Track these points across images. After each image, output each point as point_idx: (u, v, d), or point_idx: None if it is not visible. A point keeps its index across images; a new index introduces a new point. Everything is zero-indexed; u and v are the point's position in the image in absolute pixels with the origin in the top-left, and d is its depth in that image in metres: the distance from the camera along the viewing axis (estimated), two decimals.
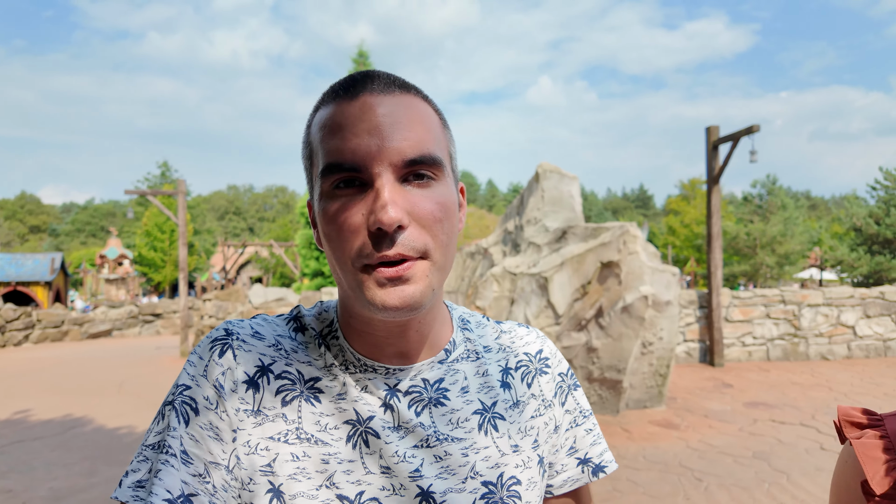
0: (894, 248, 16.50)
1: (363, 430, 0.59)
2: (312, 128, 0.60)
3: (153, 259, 28.17)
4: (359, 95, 0.56)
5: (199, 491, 0.54)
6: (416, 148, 0.55)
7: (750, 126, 7.34)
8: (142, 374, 8.43)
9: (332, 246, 0.56)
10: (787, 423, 5.15)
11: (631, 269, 5.12)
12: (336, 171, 0.55)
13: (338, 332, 0.63)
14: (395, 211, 0.52)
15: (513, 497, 0.63)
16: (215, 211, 71.25)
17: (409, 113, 0.56)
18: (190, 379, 0.58)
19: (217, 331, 0.61)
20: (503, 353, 0.71)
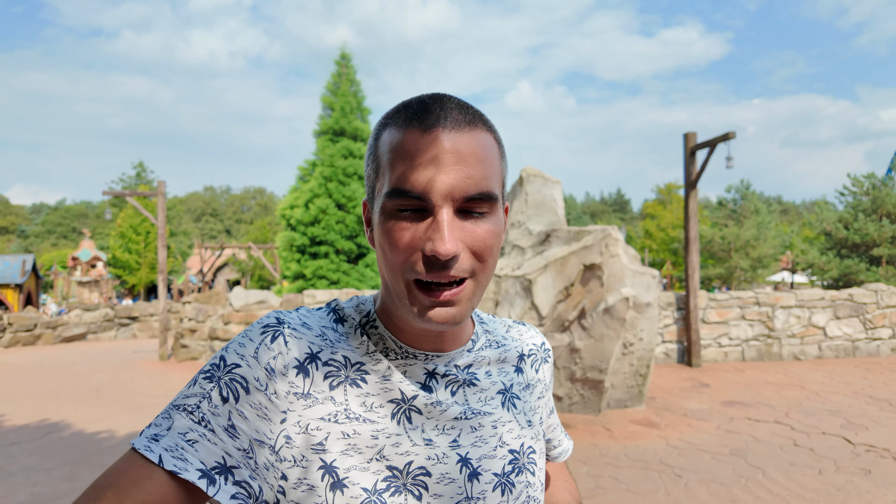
0: (862, 252, 17.03)
1: (407, 407, 0.65)
2: (381, 144, 0.64)
3: (128, 261, 27.60)
4: (433, 128, 0.60)
5: (241, 464, 0.58)
6: (476, 186, 0.60)
7: (726, 133, 7.55)
8: (120, 378, 8.29)
9: (386, 256, 0.62)
10: (762, 421, 5.31)
11: (612, 272, 5.23)
12: (401, 197, 0.59)
13: (377, 321, 0.70)
14: (451, 243, 0.57)
15: (531, 463, 0.73)
16: (191, 212, 70.10)
17: (475, 151, 0.61)
18: (240, 358, 0.61)
19: (268, 318, 0.66)
20: (516, 343, 0.81)
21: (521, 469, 0.71)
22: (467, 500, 0.65)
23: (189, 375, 8.29)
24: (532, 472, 0.73)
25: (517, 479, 0.70)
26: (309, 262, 13.34)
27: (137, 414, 6.05)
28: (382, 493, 0.61)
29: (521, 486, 0.70)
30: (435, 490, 0.64)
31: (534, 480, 0.73)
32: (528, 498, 0.71)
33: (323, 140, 13.99)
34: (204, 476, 0.56)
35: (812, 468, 4.06)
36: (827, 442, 4.65)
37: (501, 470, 0.69)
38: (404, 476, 0.63)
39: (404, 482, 0.63)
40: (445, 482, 0.65)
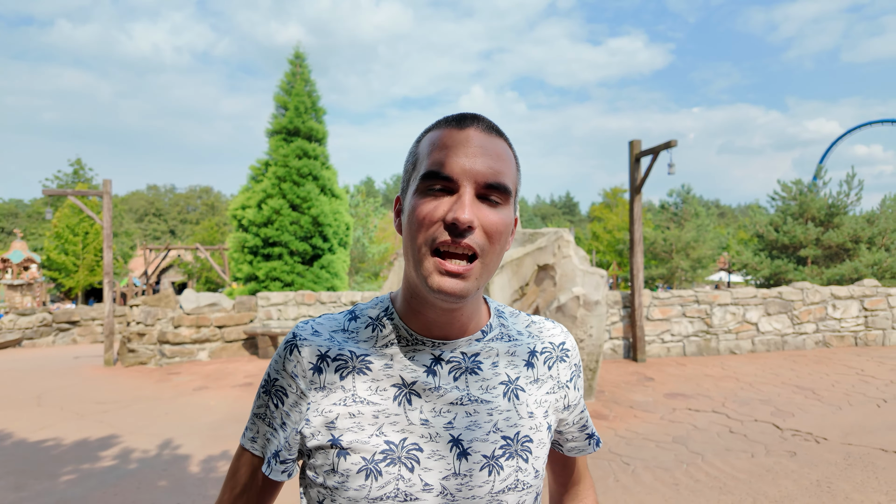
0: (791, 253, 18.21)
1: (407, 391, 0.76)
2: (422, 143, 0.77)
3: (64, 263, 26.16)
4: (466, 128, 0.74)
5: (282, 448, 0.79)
6: (495, 176, 0.72)
7: (668, 141, 7.98)
8: (62, 385, 7.94)
9: (413, 231, 0.72)
10: (701, 410, 5.68)
11: (564, 272, 5.48)
12: (433, 178, 0.71)
13: (393, 314, 0.81)
14: (470, 213, 0.69)
15: (525, 451, 0.79)
16: (133, 212, 67.02)
17: (498, 151, 0.74)
18: (276, 372, 0.80)
19: (289, 335, 0.82)
20: (531, 339, 0.87)
21: (512, 455, 0.77)
22: (455, 476, 0.74)
23: (137, 381, 8.04)
24: (525, 459, 0.78)
25: (507, 463, 0.77)
26: (262, 263, 13.11)
27: (84, 421, 5.85)
28: (379, 462, 0.73)
29: (511, 469, 0.77)
30: (426, 464, 0.74)
31: (526, 467, 0.78)
32: (517, 481, 0.77)
33: (276, 140, 13.77)
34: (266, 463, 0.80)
35: (746, 452, 4.40)
36: (758, 428, 5.03)
37: (491, 453, 0.76)
38: (399, 450, 0.74)
39: (399, 455, 0.73)
40: (436, 458, 0.74)
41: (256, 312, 10.06)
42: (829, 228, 17.23)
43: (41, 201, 44.98)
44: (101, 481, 4.11)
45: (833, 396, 6.09)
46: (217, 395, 6.90)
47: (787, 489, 3.64)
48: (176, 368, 8.84)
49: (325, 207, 13.36)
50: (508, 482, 0.77)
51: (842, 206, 17.50)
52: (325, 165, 14.20)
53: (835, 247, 17.02)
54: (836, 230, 16.87)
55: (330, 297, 10.37)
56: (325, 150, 14.29)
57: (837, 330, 9.50)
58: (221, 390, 7.19)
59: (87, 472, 4.33)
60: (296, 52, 14.45)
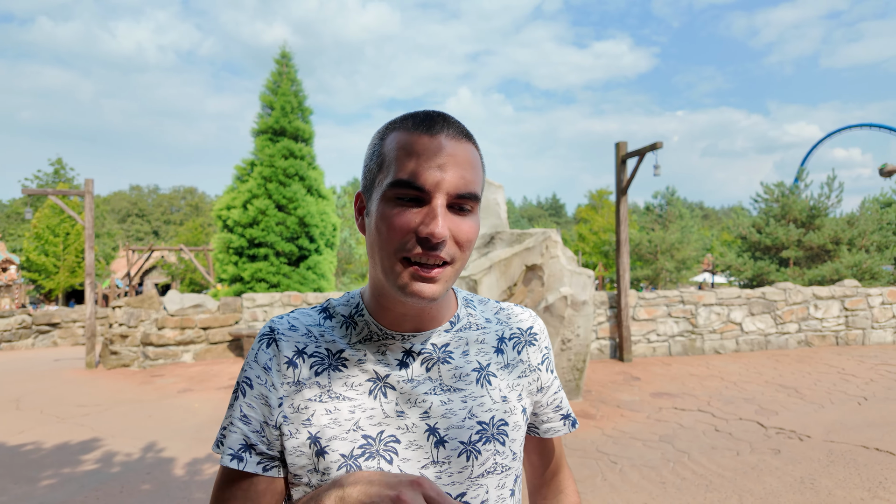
0: (773, 254, 18.47)
1: (382, 385, 0.77)
2: (387, 143, 0.74)
3: (44, 265, 25.68)
4: (437, 135, 0.72)
5: (257, 442, 0.76)
6: (466, 186, 0.72)
7: (654, 143, 8.06)
8: (42, 388, 7.79)
9: (381, 237, 0.72)
10: (687, 409, 5.74)
11: (552, 272, 5.50)
12: (405, 187, 0.70)
13: (363, 311, 0.82)
14: (444, 228, 0.69)
15: (501, 434, 0.80)
16: (116, 213, 66.05)
17: (469, 158, 0.73)
18: (248, 365, 0.79)
19: (265, 328, 0.81)
20: (500, 326, 0.89)
21: (488, 439, 0.79)
22: (434, 464, 0.76)
23: (120, 383, 7.92)
24: (502, 443, 0.80)
25: (484, 448, 0.78)
26: (247, 264, 12.98)
27: (65, 424, 5.75)
28: (358, 458, 0.73)
29: (489, 453, 0.78)
30: (404, 455, 0.75)
31: (503, 450, 0.80)
32: (495, 464, 0.79)
33: (262, 139, 13.66)
34: (234, 458, 0.75)
35: (731, 450, 4.45)
36: (743, 426, 5.09)
37: (468, 439, 0.77)
38: (377, 443, 0.74)
39: (377, 448, 0.74)
40: (413, 448, 0.75)
41: (242, 314, 9.96)
42: (811, 230, 17.51)
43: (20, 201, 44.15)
44: (83, 485, 4.03)
45: (815, 395, 6.18)
46: (202, 398, 6.81)
47: (771, 486, 3.69)
48: (160, 370, 8.72)
49: (311, 208, 13.27)
50: (487, 466, 0.79)
51: (823, 208, 17.79)
52: (312, 166, 14.12)
53: (816, 248, 17.30)
54: (817, 232, 17.14)
55: (317, 298, 10.30)
56: (312, 150, 14.21)
57: (819, 329, 9.65)
58: (206, 392, 7.10)
59: (68, 476, 4.25)
60: (282, 51, 14.37)
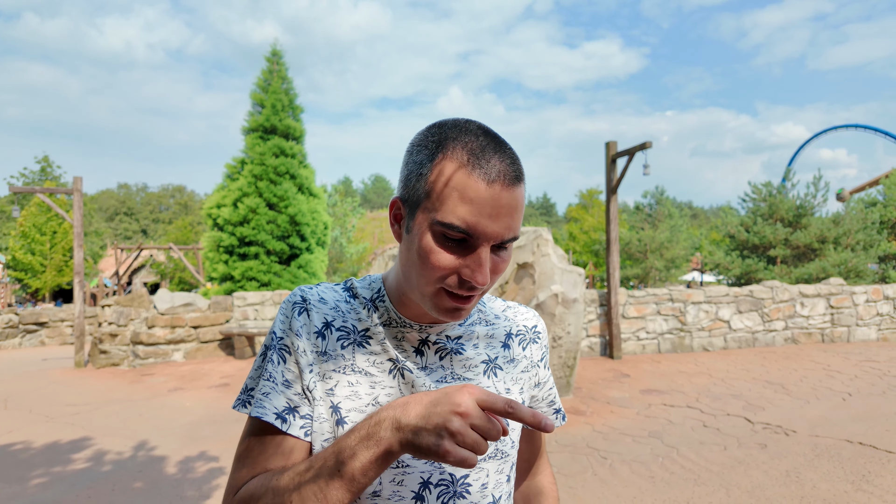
0: (761, 252, 18.67)
1: (400, 367, 0.81)
2: (442, 168, 0.72)
3: (31, 263, 25.35)
4: (494, 183, 0.70)
5: (300, 404, 0.79)
6: (511, 232, 0.73)
7: (644, 142, 8.13)
8: (30, 387, 7.73)
9: (423, 265, 0.73)
10: (676, 406, 5.81)
11: (543, 270, 5.54)
12: (454, 230, 0.70)
13: (385, 298, 0.85)
14: (487, 276, 0.72)
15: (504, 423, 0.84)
16: (103, 211, 65.36)
17: (518, 205, 0.73)
18: (282, 331, 0.82)
19: (294, 296, 0.84)
20: (507, 322, 0.94)
21: None
22: None
23: (109, 382, 7.86)
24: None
25: None
26: (238, 263, 12.92)
27: (53, 424, 5.71)
28: None
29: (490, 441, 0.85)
30: None
31: (504, 438, 0.85)
32: (496, 450, 0.85)
33: (253, 137, 13.59)
34: (279, 418, 0.77)
35: (718, 445, 4.52)
36: (730, 422, 5.17)
37: None
38: None
39: None
40: None
41: (232, 312, 9.92)
42: (798, 229, 17.72)
43: (6, 199, 43.56)
44: (74, 484, 4.02)
45: (801, 391, 6.28)
46: (193, 396, 6.79)
47: (758, 480, 3.75)
48: (150, 369, 8.67)
49: (302, 206, 13.23)
50: (489, 451, 0.84)
51: (809, 208, 18.01)
52: (303, 164, 14.07)
53: (803, 247, 17.52)
54: (803, 231, 17.35)
55: None
56: (303, 148, 14.16)
57: (805, 327, 9.79)
58: (197, 391, 7.08)
59: (58, 475, 4.23)
60: (273, 48, 14.30)
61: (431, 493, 0.79)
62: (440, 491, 0.79)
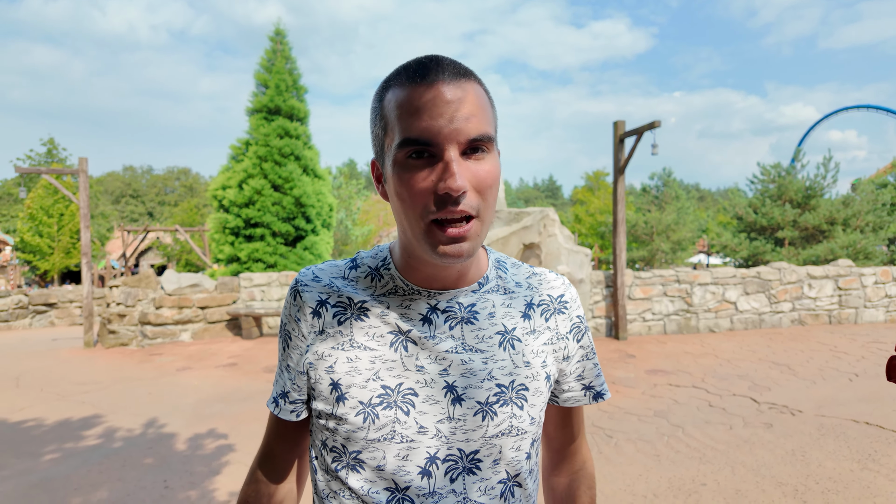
0: (769, 234, 18.55)
1: (404, 338, 0.78)
2: (387, 103, 0.72)
3: (39, 245, 25.53)
4: (434, 83, 0.68)
5: (290, 389, 0.84)
6: (476, 129, 0.68)
7: (652, 122, 8.02)
8: (41, 367, 7.83)
9: (404, 203, 0.70)
10: (682, 386, 5.82)
11: (550, 250, 5.52)
12: (412, 145, 0.68)
13: (390, 265, 0.83)
14: (461, 179, 0.66)
15: (520, 398, 0.80)
16: (109, 194, 65.56)
17: (472, 98, 0.69)
18: (285, 318, 0.85)
19: (293, 282, 0.85)
20: (529, 291, 0.87)
21: (506, 402, 0.78)
22: (449, 419, 0.76)
23: (118, 362, 7.95)
24: (520, 407, 0.79)
25: (500, 410, 0.78)
26: (244, 244, 12.94)
27: (64, 402, 5.79)
28: (376, 406, 0.76)
29: (505, 415, 0.78)
30: (421, 408, 0.76)
31: (521, 414, 0.79)
32: (511, 427, 0.78)
33: (257, 118, 13.51)
34: (273, 402, 0.86)
35: (724, 424, 4.53)
36: (736, 402, 5.17)
37: (485, 400, 0.77)
38: (395, 394, 0.76)
39: (395, 399, 0.76)
40: (430, 402, 0.76)
41: (239, 293, 9.97)
42: (806, 210, 17.57)
43: (12, 181, 43.71)
44: (85, 460, 4.08)
45: (807, 372, 6.27)
46: (201, 376, 6.86)
47: (763, 458, 3.76)
48: (158, 349, 8.76)
49: (307, 188, 13.21)
50: (502, 427, 0.78)
51: (818, 189, 17.83)
52: (308, 145, 14.01)
53: (811, 228, 17.38)
54: (812, 212, 17.20)
55: None
56: (307, 129, 14.08)
57: (812, 308, 9.75)
58: (205, 371, 7.15)
59: (70, 451, 4.30)
60: (276, 28, 14.15)
61: (439, 468, 0.76)
62: (448, 466, 0.76)
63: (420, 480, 0.76)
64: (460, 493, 0.77)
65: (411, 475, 0.75)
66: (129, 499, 3.40)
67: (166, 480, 3.67)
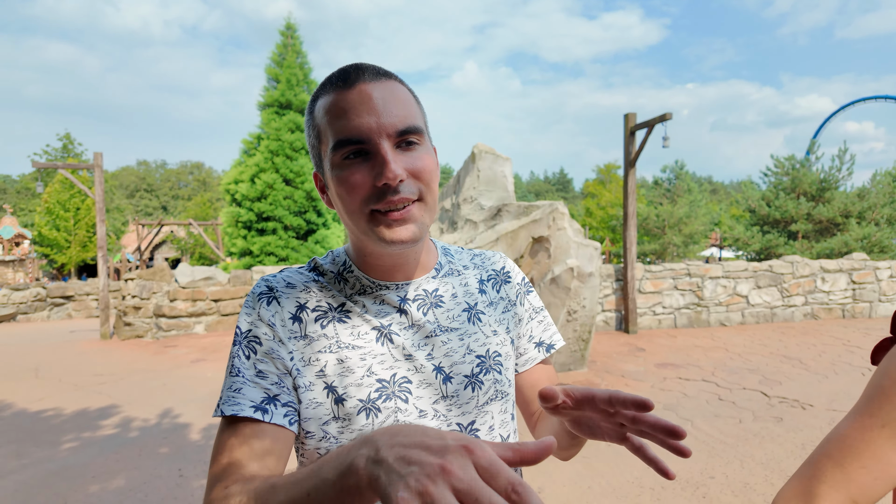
0: (782, 227, 18.35)
1: (386, 332, 0.81)
2: (317, 113, 0.77)
3: (56, 239, 25.93)
4: (355, 85, 0.73)
5: (279, 392, 0.75)
6: (404, 121, 0.73)
7: (663, 114, 7.97)
8: (59, 358, 7.99)
9: (345, 202, 0.74)
10: (691, 379, 5.81)
11: (559, 244, 5.52)
12: (345, 146, 0.72)
13: (352, 267, 0.85)
14: (397, 168, 0.70)
15: (497, 364, 0.87)
16: (124, 188, 66.30)
17: (395, 95, 0.74)
18: (249, 324, 0.79)
19: (259, 286, 0.82)
20: (478, 270, 0.96)
21: (487, 370, 0.85)
22: (444, 398, 0.81)
23: (134, 353, 8.09)
24: (499, 371, 0.87)
25: (485, 378, 0.85)
26: (256, 238, 13.07)
27: (81, 392, 5.91)
28: (375, 401, 0.78)
29: (489, 382, 0.85)
30: (417, 393, 0.80)
31: (501, 378, 0.87)
32: (496, 392, 0.86)
33: (268, 113, 13.60)
34: (257, 409, 0.72)
35: (734, 418, 4.52)
36: (746, 396, 5.16)
37: (470, 372, 0.84)
38: (392, 385, 0.79)
39: (392, 390, 0.79)
40: (424, 386, 0.80)
41: (252, 286, 10.08)
42: (821, 203, 17.35)
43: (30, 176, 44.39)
44: (103, 448, 4.18)
45: (819, 366, 6.23)
46: (214, 367, 6.96)
47: (773, 452, 3.76)
48: (172, 341, 8.89)
49: None
50: (490, 394, 0.85)
51: (833, 181, 17.59)
52: None
53: (825, 221, 17.17)
54: (826, 205, 16.98)
55: None
56: None
57: (826, 302, 9.66)
58: (219, 362, 7.25)
59: (88, 440, 4.40)
60: (287, 23, 14.20)
61: None
62: None
63: None
64: None
65: None
66: (145, 487, 3.48)
67: (181, 469, 3.75)
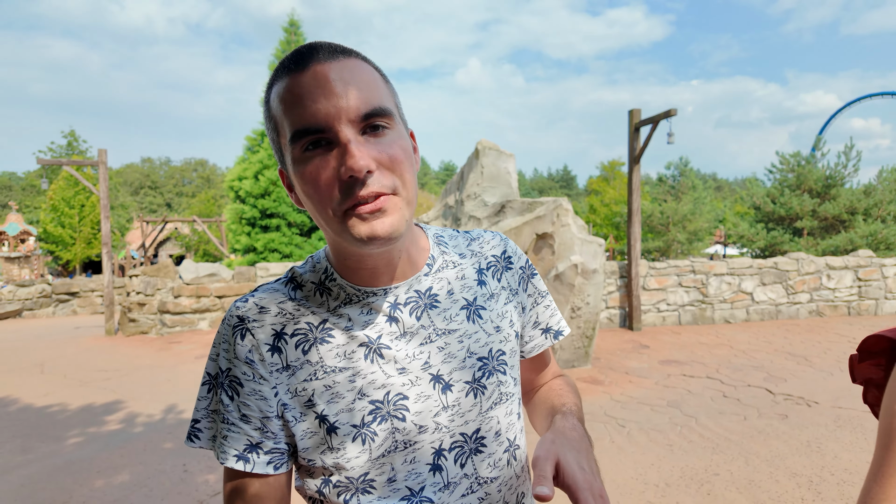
0: (787, 224, 18.26)
1: (375, 346, 0.73)
2: (272, 103, 0.67)
3: (61, 236, 26.04)
4: (309, 66, 0.63)
5: (262, 439, 0.71)
6: (368, 103, 0.63)
7: (668, 110, 7.93)
8: (64, 354, 8.03)
9: (313, 202, 0.65)
10: (695, 376, 5.79)
11: (563, 241, 5.51)
12: (303, 136, 0.63)
13: (334, 274, 0.75)
14: (362, 159, 0.61)
15: (502, 364, 0.80)
16: (129, 185, 66.50)
17: (356, 74, 0.64)
18: (227, 362, 0.72)
19: (231, 318, 0.73)
20: (475, 258, 0.85)
21: (490, 372, 0.78)
22: (444, 410, 0.74)
23: (139, 349, 8.12)
24: (503, 372, 0.80)
25: (488, 382, 0.78)
26: (260, 235, 13.09)
27: (87, 388, 5.94)
28: (370, 424, 0.71)
29: (493, 386, 0.78)
30: (415, 409, 0.73)
31: (505, 379, 0.80)
32: (500, 395, 0.79)
33: None
34: (239, 459, 0.70)
35: (738, 415, 4.51)
36: (751, 393, 5.14)
37: (472, 377, 0.76)
38: (386, 405, 0.72)
39: (388, 410, 0.72)
40: (422, 400, 0.73)
41: (255, 283, 10.10)
42: (826, 200, 17.26)
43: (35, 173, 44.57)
44: (107, 444, 4.20)
45: (824, 363, 6.20)
46: None
47: (777, 449, 3.75)
48: (177, 337, 8.92)
49: None
50: (493, 398, 0.78)
51: (839, 178, 17.48)
52: None
53: (831, 218, 17.08)
54: (832, 202, 16.89)
55: None
56: None
57: (831, 300, 9.61)
58: None
59: (93, 435, 4.42)
60: (290, 20, 14.19)
61: (447, 458, 0.74)
62: (456, 453, 0.75)
63: (433, 477, 0.74)
64: (472, 475, 0.76)
65: (423, 475, 0.73)
66: (150, 482, 3.50)
67: (185, 464, 3.76)
